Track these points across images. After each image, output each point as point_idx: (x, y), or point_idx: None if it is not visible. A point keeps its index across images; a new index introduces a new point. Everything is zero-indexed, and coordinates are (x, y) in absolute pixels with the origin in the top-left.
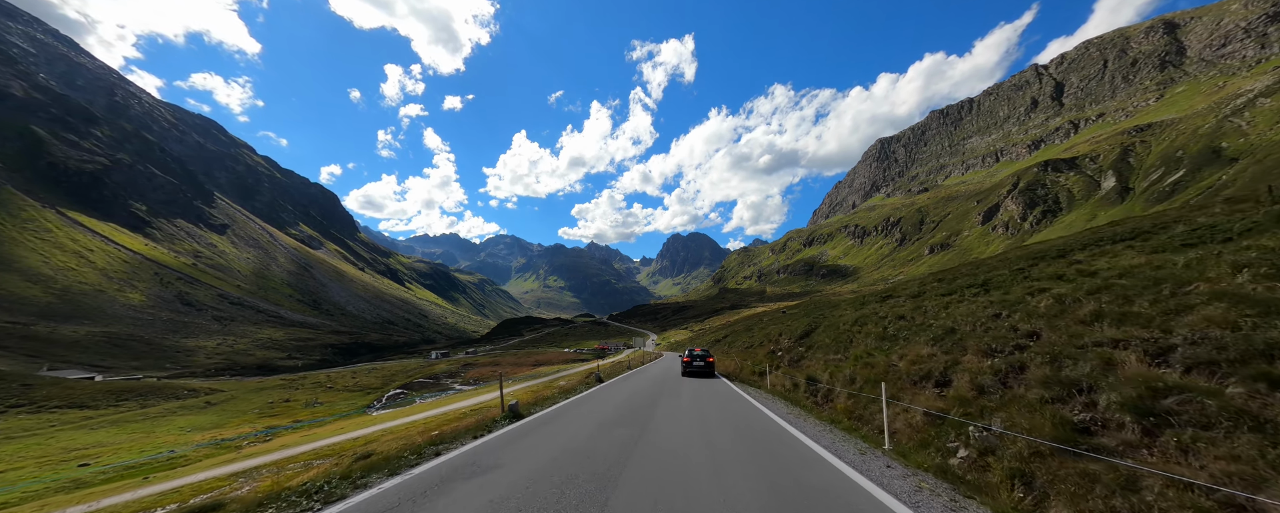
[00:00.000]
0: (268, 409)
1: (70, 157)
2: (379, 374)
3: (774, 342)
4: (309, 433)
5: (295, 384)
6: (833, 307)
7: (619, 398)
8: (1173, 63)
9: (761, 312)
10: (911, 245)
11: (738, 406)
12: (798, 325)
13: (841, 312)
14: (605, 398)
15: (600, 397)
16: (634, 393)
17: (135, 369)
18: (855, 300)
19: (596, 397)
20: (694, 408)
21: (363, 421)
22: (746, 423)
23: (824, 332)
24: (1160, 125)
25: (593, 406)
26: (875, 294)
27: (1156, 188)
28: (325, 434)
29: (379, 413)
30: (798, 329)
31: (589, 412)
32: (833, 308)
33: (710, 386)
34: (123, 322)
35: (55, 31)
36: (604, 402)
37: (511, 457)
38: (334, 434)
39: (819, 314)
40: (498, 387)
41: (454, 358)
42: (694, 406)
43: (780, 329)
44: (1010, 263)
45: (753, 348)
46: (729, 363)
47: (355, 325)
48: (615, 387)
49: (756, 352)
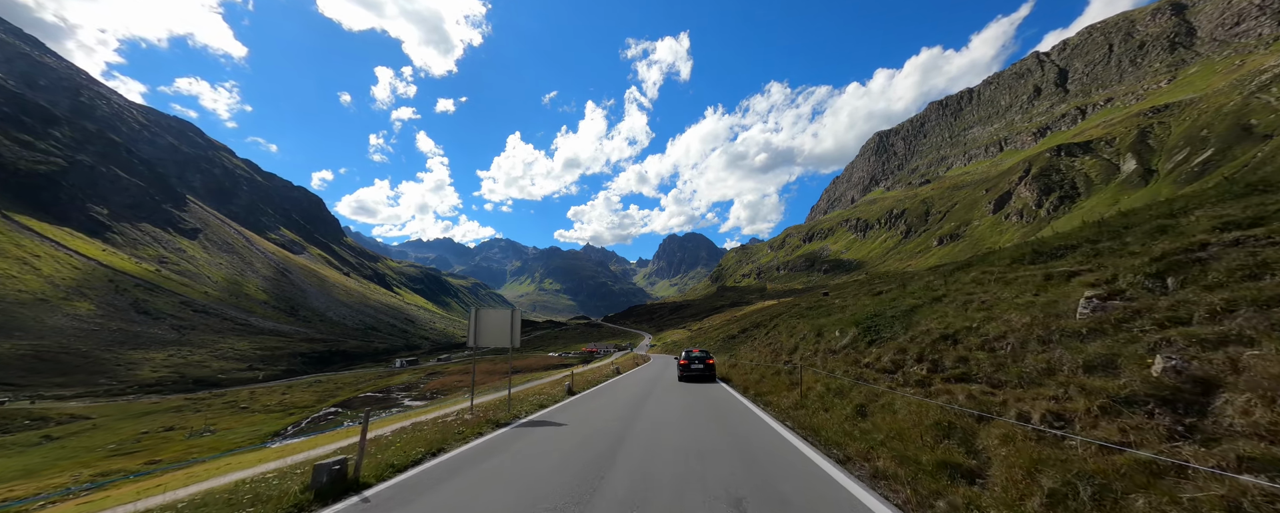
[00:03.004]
0: (130, 445)
1: (21, 157)
2: (320, 389)
3: (814, 343)
4: (140, 485)
5: (200, 405)
6: (885, 288)
7: (568, 445)
8: (1183, 44)
9: (768, 306)
10: (918, 237)
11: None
12: (857, 309)
13: (910, 293)
14: (543, 445)
15: (535, 441)
16: (594, 434)
17: (57, 387)
18: (914, 279)
19: (531, 439)
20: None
21: (220, 465)
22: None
23: (923, 317)
24: (1178, 106)
25: (519, 458)
26: (954, 263)
27: (1184, 168)
28: (134, 492)
29: (280, 445)
30: (860, 315)
31: (502, 476)
32: (892, 288)
33: (723, 416)
34: (63, 334)
35: (18, 30)
36: (543, 447)
37: None
38: (144, 495)
39: (878, 298)
40: (466, 398)
41: (423, 366)
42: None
43: (816, 323)
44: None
45: (790, 353)
46: (747, 373)
47: (333, 332)
48: (576, 411)
49: (786, 353)
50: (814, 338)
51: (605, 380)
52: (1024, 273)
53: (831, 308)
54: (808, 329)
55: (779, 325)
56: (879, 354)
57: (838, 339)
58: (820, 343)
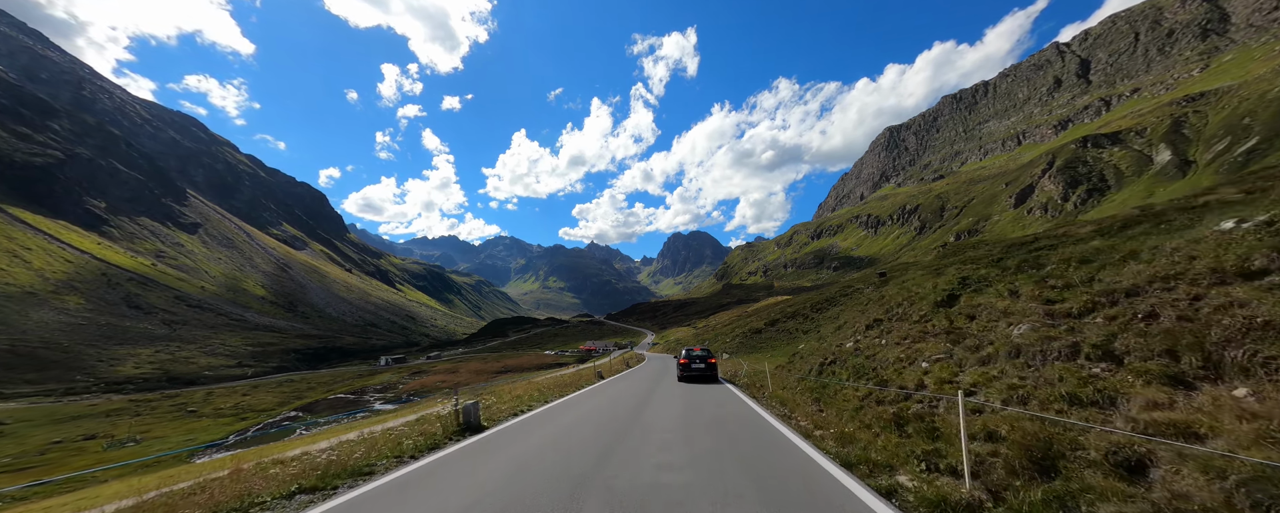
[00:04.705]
0: (31, 458)
1: (17, 149)
2: (288, 390)
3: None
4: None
5: (143, 408)
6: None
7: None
8: (1216, 31)
9: (782, 301)
10: (933, 233)
11: None
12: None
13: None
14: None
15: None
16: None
17: (28, 384)
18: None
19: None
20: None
21: (106, 492)
22: None
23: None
24: (1215, 94)
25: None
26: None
27: (1226, 158)
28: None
29: (208, 460)
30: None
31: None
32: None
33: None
34: (48, 329)
35: (21, 24)
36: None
37: None
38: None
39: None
40: (440, 401)
41: (409, 364)
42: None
43: (889, 304)
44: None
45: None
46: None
47: (330, 329)
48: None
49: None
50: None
51: (597, 382)
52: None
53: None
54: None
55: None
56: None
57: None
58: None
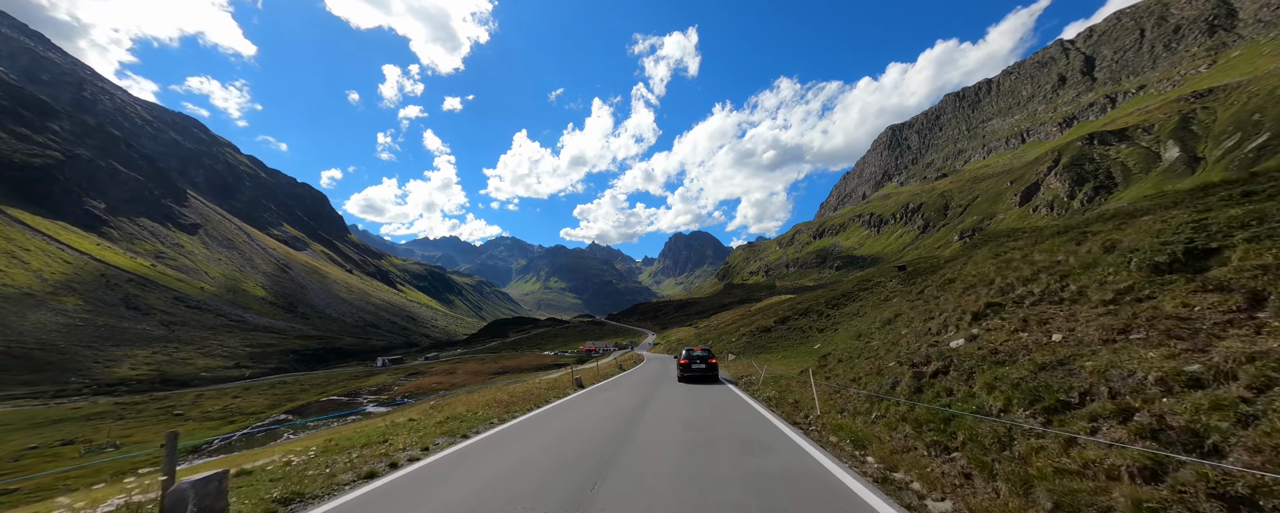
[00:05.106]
0: (4, 464)
1: (16, 149)
2: (280, 391)
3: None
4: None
5: (128, 411)
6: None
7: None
8: (1224, 26)
9: (788, 299)
10: (937, 231)
11: None
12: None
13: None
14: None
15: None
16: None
17: (22, 385)
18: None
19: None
20: None
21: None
22: None
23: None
24: (1224, 90)
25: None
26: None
27: (1236, 155)
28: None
29: (194, 463)
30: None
31: None
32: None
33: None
34: (44, 330)
35: (22, 26)
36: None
37: None
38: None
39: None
40: (429, 406)
41: (406, 365)
42: None
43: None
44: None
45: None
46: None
47: (331, 329)
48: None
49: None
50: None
51: (589, 386)
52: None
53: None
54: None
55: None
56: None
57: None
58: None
